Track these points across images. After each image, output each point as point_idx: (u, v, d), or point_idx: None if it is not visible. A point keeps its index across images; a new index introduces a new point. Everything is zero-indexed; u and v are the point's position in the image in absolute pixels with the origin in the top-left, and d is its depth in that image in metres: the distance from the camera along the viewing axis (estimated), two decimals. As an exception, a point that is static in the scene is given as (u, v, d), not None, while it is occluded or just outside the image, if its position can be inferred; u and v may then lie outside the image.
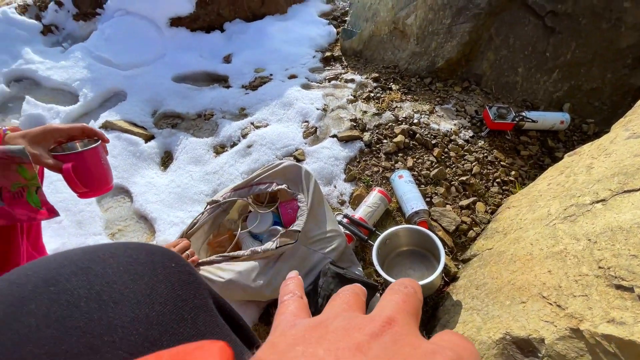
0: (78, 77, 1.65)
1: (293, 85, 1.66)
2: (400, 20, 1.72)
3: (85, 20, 1.87)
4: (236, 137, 1.44)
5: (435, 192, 1.16)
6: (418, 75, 1.69)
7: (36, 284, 0.21)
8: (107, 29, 1.81)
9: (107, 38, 1.78)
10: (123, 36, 1.81)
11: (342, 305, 0.19)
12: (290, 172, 0.93)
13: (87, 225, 1.13)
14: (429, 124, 1.40)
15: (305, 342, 0.15)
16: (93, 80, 1.65)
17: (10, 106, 1.56)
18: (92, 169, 0.67)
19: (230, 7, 2.01)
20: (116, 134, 1.43)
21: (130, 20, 1.85)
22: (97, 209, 1.19)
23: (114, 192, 1.27)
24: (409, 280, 0.20)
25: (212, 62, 1.86)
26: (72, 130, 0.67)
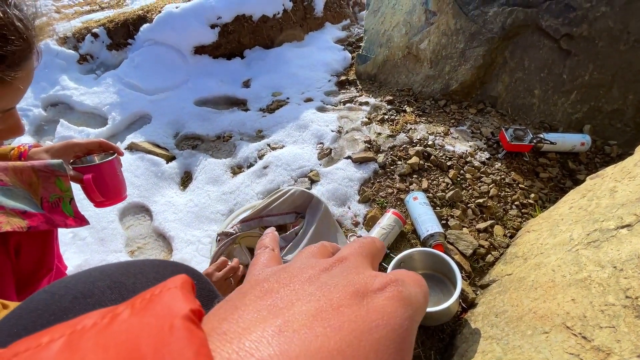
0: (108, 101, 1.76)
1: (309, 108, 1.70)
2: (413, 45, 1.76)
3: (118, 49, 2.02)
4: (253, 158, 1.48)
5: (451, 214, 1.15)
6: (432, 97, 1.71)
7: (75, 295, 0.22)
8: (136, 57, 1.94)
9: (136, 65, 1.91)
10: (150, 63, 1.93)
11: (306, 253, 0.20)
12: (299, 199, 0.94)
13: (109, 242, 1.17)
14: (444, 145, 1.40)
15: (265, 281, 0.16)
16: (121, 105, 1.75)
17: (45, 129, 1.67)
18: (108, 180, 0.72)
19: (250, 35, 2.12)
20: (140, 155, 1.50)
21: (157, 49, 1.98)
22: (119, 226, 1.23)
23: (135, 211, 1.32)
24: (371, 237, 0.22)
25: (232, 86, 1.95)
26: (90, 145, 0.73)
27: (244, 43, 2.11)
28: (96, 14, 2.38)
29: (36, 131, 1.66)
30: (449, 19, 1.64)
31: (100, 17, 2.25)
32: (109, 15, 2.21)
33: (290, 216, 0.95)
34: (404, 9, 1.83)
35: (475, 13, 1.58)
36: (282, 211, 0.94)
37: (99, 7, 2.59)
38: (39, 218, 0.54)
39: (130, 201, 1.31)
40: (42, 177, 0.58)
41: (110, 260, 1.10)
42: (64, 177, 0.60)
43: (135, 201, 1.32)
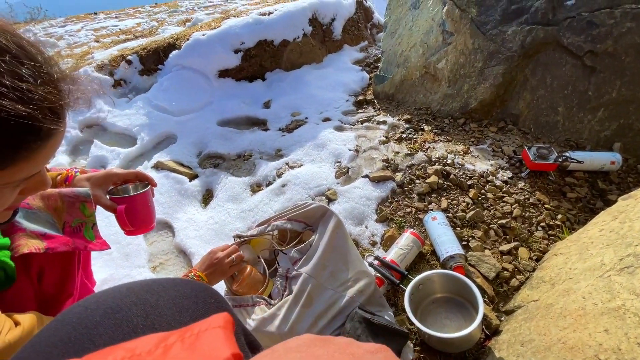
0: (138, 123, 1.87)
1: (327, 127, 1.74)
2: (431, 65, 1.78)
3: (149, 74, 2.16)
4: (272, 176, 1.52)
5: (472, 235, 1.11)
6: (451, 116, 1.70)
7: (105, 310, 0.25)
8: (165, 81, 2.07)
9: (165, 89, 2.03)
10: (178, 87, 2.05)
11: None
12: (313, 212, 0.95)
13: (133, 258, 1.21)
14: (464, 164, 1.38)
15: (310, 346, 0.17)
16: (150, 126, 1.86)
17: (81, 149, 1.79)
18: (140, 212, 0.76)
19: (271, 59, 2.21)
20: (165, 173, 1.57)
21: (184, 74, 2.10)
22: (143, 242, 1.28)
23: (158, 227, 1.37)
24: None
25: (253, 107, 2.02)
26: (127, 175, 0.78)
27: (265, 66, 2.21)
28: (131, 43, 2.57)
29: (72, 151, 1.78)
30: (466, 38, 1.65)
31: (134, 45, 2.43)
32: (142, 44, 2.38)
33: (298, 224, 0.95)
34: (421, 30, 1.86)
35: (493, 32, 1.58)
36: (291, 218, 0.95)
37: (133, 37, 2.80)
38: (58, 240, 0.57)
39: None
40: (67, 202, 0.62)
41: (134, 275, 1.14)
42: (89, 204, 0.64)
43: (159, 218, 1.37)
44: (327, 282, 0.85)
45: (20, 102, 0.35)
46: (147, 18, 3.85)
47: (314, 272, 0.84)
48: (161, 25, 3.24)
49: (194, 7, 4.20)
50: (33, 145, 0.38)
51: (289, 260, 0.91)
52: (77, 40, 3.22)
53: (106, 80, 2.09)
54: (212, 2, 4.32)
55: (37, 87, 0.37)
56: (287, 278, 0.88)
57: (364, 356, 0.17)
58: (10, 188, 0.43)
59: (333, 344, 0.18)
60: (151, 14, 4.09)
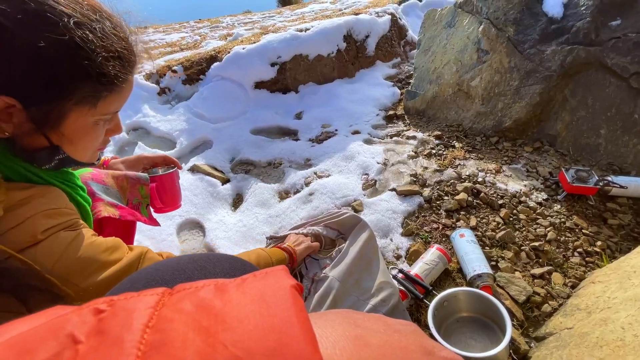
0: (178, 128, 2.00)
1: (356, 140, 1.76)
2: (464, 83, 1.77)
3: (191, 84, 2.31)
4: (300, 185, 1.56)
5: (501, 256, 1.08)
6: (483, 134, 1.67)
7: (173, 272, 0.29)
8: (205, 90, 2.20)
9: (205, 98, 2.15)
10: (216, 96, 2.17)
11: None
12: (347, 221, 0.97)
13: (166, 254, 1.28)
14: (495, 183, 1.35)
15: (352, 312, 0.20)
16: (189, 131, 1.97)
17: (126, 150, 1.93)
18: (168, 190, 0.84)
19: (305, 72, 2.29)
20: (200, 176, 1.66)
21: (223, 84, 2.22)
22: (176, 239, 1.35)
23: (190, 226, 1.44)
24: None
25: (285, 118, 2.10)
26: (156, 159, 0.87)
27: (299, 79, 2.29)
28: (177, 54, 2.76)
29: (118, 152, 1.92)
30: (502, 57, 1.63)
31: (180, 56, 2.61)
32: (186, 55, 2.56)
33: (332, 232, 0.98)
34: (455, 48, 1.87)
35: (531, 52, 1.56)
36: (327, 225, 0.98)
37: (179, 49, 3.01)
38: (127, 210, 0.66)
39: (187, 217, 1.44)
40: (131, 183, 0.72)
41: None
42: (146, 186, 0.73)
43: (191, 217, 1.45)
44: (352, 288, 0.86)
45: (112, 48, 0.48)
46: (190, 32, 4.13)
47: (341, 276, 0.86)
48: (204, 39, 3.46)
49: (234, 23, 4.45)
50: (122, 80, 0.49)
51: (319, 266, 0.93)
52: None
53: (153, 88, 2.26)
54: (252, 19, 4.55)
55: (122, 40, 0.49)
56: (313, 281, 0.90)
57: (396, 325, 0.19)
58: (102, 123, 0.53)
59: (366, 314, 0.20)
60: (195, 29, 4.38)
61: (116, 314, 0.13)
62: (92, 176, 0.68)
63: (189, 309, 0.13)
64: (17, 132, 0.45)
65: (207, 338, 0.12)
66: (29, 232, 0.43)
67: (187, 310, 0.13)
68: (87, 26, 0.44)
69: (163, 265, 0.29)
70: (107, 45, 0.46)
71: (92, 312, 0.13)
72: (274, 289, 0.14)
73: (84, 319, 0.13)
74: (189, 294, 0.14)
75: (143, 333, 0.12)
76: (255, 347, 0.11)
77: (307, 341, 0.12)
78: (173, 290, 0.14)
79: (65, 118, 0.47)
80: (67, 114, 0.47)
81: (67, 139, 0.50)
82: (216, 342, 0.12)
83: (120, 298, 0.14)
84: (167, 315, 0.13)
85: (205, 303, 0.13)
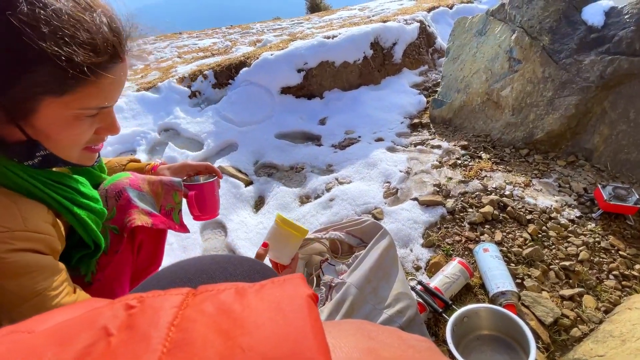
0: (206, 130, 2.07)
1: (379, 147, 1.75)
2: (494, 92, 1.72)
3: (220, 88, 2.39)
4: (321, 190, 1.57)
5: (528, 273, 1.03)
6: (513, 145, 1.61)
7: (195, 272, 0.30)
8: (233, 94, 2.27)
9: (233, 101, 2.22)
10: (244, 100, 2.23)
11: None
12: (368, 228, 0.97)
13: (190, 250, 1.33)
14: (524, 197, 1.30)
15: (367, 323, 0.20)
16: (216, 133, 2.04)
17: (157, 149, 2.02)
18: (207, 199, 0.85)
19: (331, 78, 2.32)
20: (224, 177, 1.70)
21: (251, 89, 2.29)
22: (199, 238, 1.39)
23: (214, 226, 1.48)
24: None
25: (310, 123, 2.12)
26: (199, 167, 0.88)
27: (324, 85, 2.31)
28: (208, 59, 2.88)
29: (150, 150, 2.02)
30: (535, 67, 1.58)
31: (211, 61, 2.72)
32: (217, 61, 2.66)
33: (354, 239, 0.98)
34: (485, 56, 1.82)
35: (567, 61, 1.49)
36: (349, 232, 0.98)
37: (211, 54, 3.13)
38: (159, 218, 0.68)
39: (211, 217, 1.49)
40: (165, 189, 0.73)
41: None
42: (180, 192, 0.75)
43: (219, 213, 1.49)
44: (369, 296, 0.85)
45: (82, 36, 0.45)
46: (222, 38, 4.28)
47: (358, 283, 0.85)
48: (234, 45, 3.58)
49: (263, 29, 4.57)
50: (93, 71, 0.46)
51: (335, 271, 0.94)
52: (163, 56, 3.69)
53: (184, 91, 2.36)
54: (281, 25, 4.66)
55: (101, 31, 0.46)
56: (330, 287, 0.90)
57: (411, 340, 0.19)
58: (87, 120, 0.50)
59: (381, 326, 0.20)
60: (226, 35, 4.53)
61: (145, 311, 0.14)
62: (130, 182, 0.70)
63: (210, 311, 0.14)
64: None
65: (226, 341, 0.13)
66: None
67: (208, 312, 0.14)
68: (45, 6, 0.42)
69: (186, 264, 0.31)
70: (72, 29, 0.43)
71: (124, 307, 0.14)
72: (291, 297, 0.15)
73: (116, 313, 0.14)
74: (210, 296, 0.15)
75: (168, 331, 0.13)
76: (271, 354, 0.12)
77: (320, 352, 0.13)
78: (196, 291, 0.16)
79: (36, 109, 0.45)
80: (37, 105, 0.45)
81: (43, 133, 0.47)
82: (235, 345, 0.13)
83: (149, 295, 0.15)
84: (191, 315, 0.14)
85: (225, 306, 0.14)
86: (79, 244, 0.61)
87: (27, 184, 0.48)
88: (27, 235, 0.45)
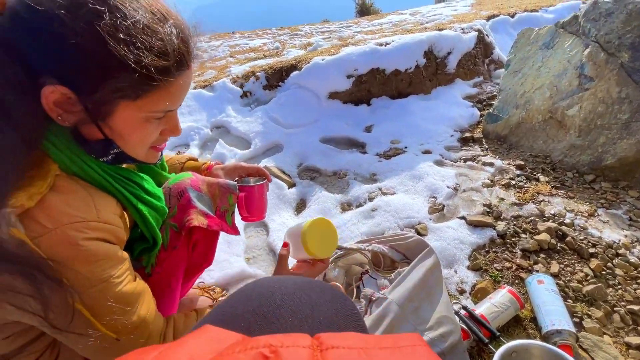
0: (254, 130, 2.15)
1: (426, 160, 1.71)
2: (559, 110, 1.60)
3: (270, 89, 2.47)
4: (363, 199, 1.56)
5: (587, 313, 0.95)
6: (576, 170, 1.49)
7: (282, 296, 0.31)
8: (282, 97, 2.33)
9: (281, 104, 2.28)
10: (292, 103, 2.28)
11: None
12: (415, 247, 0.95)
13: (233, 246, 1.38)
14: (587, 228, 1.19)
15: None
16: (263, 134, 2.11)
17: (208, 145, 2.13)
18: (256, 201, 0.87)
19: (380, 86, 2.29)
20: (269, 178, 1.76)
21: (300, 92, 2.33)
22: (243, 234, 1.45)
23: (256, 224, 1.53)
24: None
25: (355, 129, 2.12)
26: (250, 169, 0.91)
27: (372, 92, 2.30)
28: (260, 61, 2.98)
29: (202, 146, 2.14)
30: (610, 86, 1.44)
31: (263, 63, 2.81)
32: (269, 63, 2.74)
33: (397, 254, 0.96)
34: (551, 71, 1.70)
35: (650, 82, 1.35)
36: (393, 246, 0.97)
37: (263, 56, 3.24)
38: (214, 220, 0.71)
39: (254, 215, 1.54)
40: (221, 191, 0.76)
41: (232, 262, 1.30)
42: (234, 195, 0.77)
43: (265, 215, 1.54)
44: (410, 315, 0.84)
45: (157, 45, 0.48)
46: (272, 39, 4.41)
47: (400, 301, 0.84)
48: (284, 46, 3.67)
49: (312, 31, 4.63)
50: (165, 77, 0.49)
51: (376, 285, 0.93)
52: (216, 54, 3.89)
53: (237, 90, 2.46)
54: (329, 28, 4.70)
55: (168, 35, 0.49)
56: (370, 300, 0.89)
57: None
58: (154, 122, 0.54)
59: None
60: (276, 36, 4.66)
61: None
62: (191, 182, 0.73)
63: None
64: (78, 122, 0.48)
65: None
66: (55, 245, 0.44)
67: None
68: (127, 17, 0.45)
69: (271, 287, 0.31)
70: (148, 38, 0.46)
71: (259, 356, 0.15)
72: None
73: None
74: (340, 356, 0.15)
75: None
76: None
77: None
78: (320, 343, 0.16)
79: (113, 111, 0.49)
80: (115, 107, 0.48)
81: (117, 133, 0.51)
82: None
83: (278, 345, 0.16)
84: None
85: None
86: (141, 237, 0.66)
87: (100, 178, 0.53)
88: (99, 226, 0.49)
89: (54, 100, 0.45)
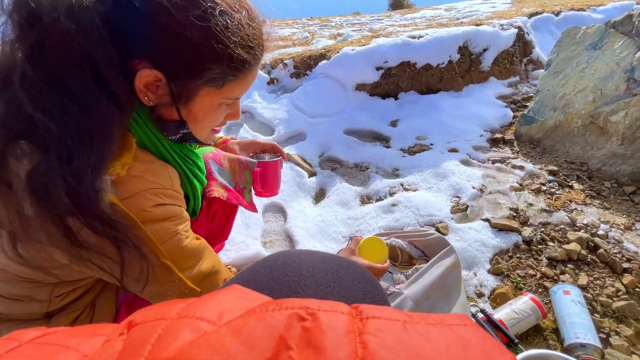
0: (279, 117, 2.15)
1: (452, 158, 1.65)
2: (601, 116, 1.50)
3: (297, 77, 2.46)
4: (383, 193, 1.53)
5: (616, 330, 0.89)
6: (615, 180, 1.40)
7: (308, 267, 0.31)
8: (309, 86, 2.32)
9: (307, 92, 2.27)
10: (318, 92, 2.26)
11: None
12: (434, 242, 0.92)
13: (251, 229, 1.40)
14: (622, 241, 1.12)
15: None
16: (287, 121, 2.11)
17: (233, 129, 2.16)
18: (270, 176, 0.89)
19: (409, 80, 2.23)
20: (290, 165, 1.76)
21: (326, 82, 2.31)
22: (261, 218, 1.46)
23: (275, 209, 1.54)
24: None
25: (380, 123, 2.08)
26: (266, 145, 0.93)
27: (401, 86, 2.24)
28: (289, 49, 2.97)
29: (226, 129, 2.17)
30: (663, 92, 1.34)
31: (292, 51, 2.80)
32: (298, 51, 2.73)
33: (416, 251, 0.94)
34: (596, 74, 1.59)
35: None
36: (412, 242, 0.95)
37: (292, 44, 3.23)
38: (233, 194, 0.73)
39: (273, 200, 1.55)
40: (241, 167, 0.78)
41: (248, 244, 1.32)
42: (252, 172, 0.79)
43: (277, 202, 1.55)
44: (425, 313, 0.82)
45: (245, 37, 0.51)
46: (301, 29, 4.38)
47: (415, 297, 0.82)
48: (313, 36, 3.64)
49: (342, 23, 4.56)
50: (248, 67, 0.53)
51: (391, 279, 0.91)
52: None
53: (264, 77, 2.47)
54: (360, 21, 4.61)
55: (254, 30, 0.53)
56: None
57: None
58: (224, 107, 0.58)
59: None
60: (305, 26, 4.63)
61: (323, 332, 0.14)
62: (214, 156, 0.76)
63: (392, 345, 0.13)
64: (158, 103, 0.52)
65: None
66: (138, 206, 0.48)
67: (395, 349, 0.13)
68: (229, 15, 0.49)
69: (296, 258, 0.31)
70: (241, 34, 0.50)
71: (295, 317, 0.14)
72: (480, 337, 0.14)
73: (290, 322, 0.14)
74: (384, 327, 0.14)
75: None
76: None
77: None
78: (359, 312, 0.15)
79: (196, 96, 0.52)
80: (198, 93, 0.52)
81: (193, 116, 0.55)
82: None
83: (315, 308, 0.15)
84: (376, 350, 0.13)
85: (412, 349, 0.13)
86: None
87: (168, 154, 0.57)
88: (172, 194, 0.54)
89: (145, 83, 0.49)
